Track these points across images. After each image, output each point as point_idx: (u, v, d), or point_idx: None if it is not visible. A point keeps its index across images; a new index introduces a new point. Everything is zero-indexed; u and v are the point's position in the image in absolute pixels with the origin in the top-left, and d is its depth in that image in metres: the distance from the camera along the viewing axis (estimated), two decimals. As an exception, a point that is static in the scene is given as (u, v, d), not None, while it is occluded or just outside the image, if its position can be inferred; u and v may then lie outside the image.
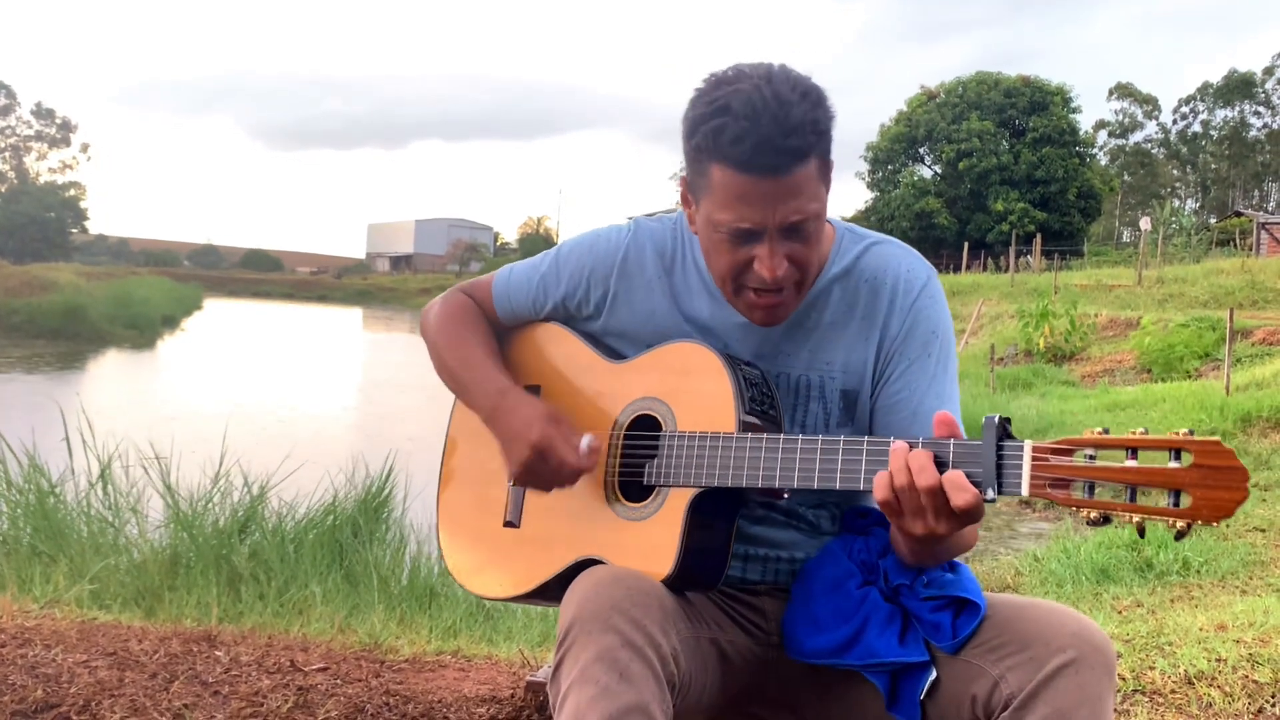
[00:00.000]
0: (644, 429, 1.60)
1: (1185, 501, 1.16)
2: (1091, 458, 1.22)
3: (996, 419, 1.28)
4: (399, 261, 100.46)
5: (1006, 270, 33.26)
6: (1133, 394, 13.05)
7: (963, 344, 17.25)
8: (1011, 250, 33.39)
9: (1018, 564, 6.24)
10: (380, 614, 4.04)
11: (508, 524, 1.69)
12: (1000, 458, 1.27)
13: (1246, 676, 2.95)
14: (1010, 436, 1.28)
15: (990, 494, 1.26)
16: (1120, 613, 4.58)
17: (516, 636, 4.02)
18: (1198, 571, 5.39)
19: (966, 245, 39.86)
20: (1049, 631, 1.37)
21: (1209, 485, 1.15)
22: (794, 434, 1.59)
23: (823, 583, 1.57)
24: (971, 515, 1.29)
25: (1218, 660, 3.13)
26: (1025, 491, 1.24)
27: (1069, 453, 1.23)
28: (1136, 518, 1.19)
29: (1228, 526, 6.57)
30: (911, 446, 1.32)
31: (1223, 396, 11.11)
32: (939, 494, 1.29)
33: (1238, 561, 5.59)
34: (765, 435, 1.47)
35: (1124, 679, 2.91)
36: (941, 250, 48.06)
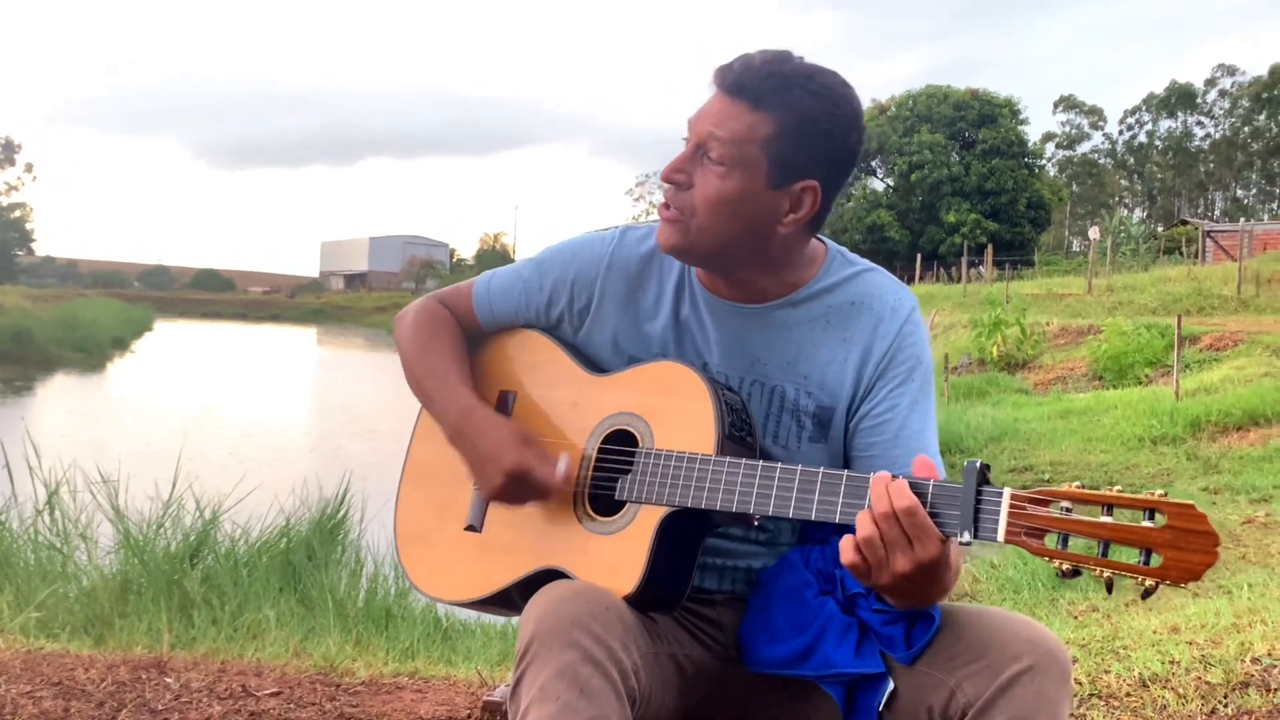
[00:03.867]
0: (619, 444, 1.58)
1: (1156, 561, 1.18)
2: (1067, 510, 1.23)
3: (978, 464, 1.29)
4: (353, 280, 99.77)
5: (959, 281, 33.62)
6: (1085, 401, 13.24)
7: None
8: (963, 261, 33.76)
9: (975, 571, 6.29)
10: (336, 637, 3.99)
11: (469, 528, 1.66)
12: (979, 503, 1.28)
13: (1199, 678, 2.98)
14: (988, 483, 1.29)
15: (966, 537, 1.27)
16: (1076, 618, 4.63)
17: (475, 656, 3.99)
18: (1151, 575, 5.46)
19: (919, 257, 40.25)
20: (1004, 639, 1.38)
21: (1180, 547, 1.17)
22: (766, 444, 1.60)
23: (780, 592, 1.56)
24: (916, 529, 1.28)
25: (1171, 662, 3.17)
26: (1000, 538, 1.25)
27: (1046, 503, 1.25)
28: (1107, 572, 1.21)
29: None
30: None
31: (1173, 402, 11.29)
32: (916, 513, 1.28)
33: (1190, 564, 5.67)
34: (743, 460, 1.45)
35: (1080, 683, 2.94)
36: (894, 262, 48.47)
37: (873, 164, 56.94)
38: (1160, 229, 56.15)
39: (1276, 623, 3.49)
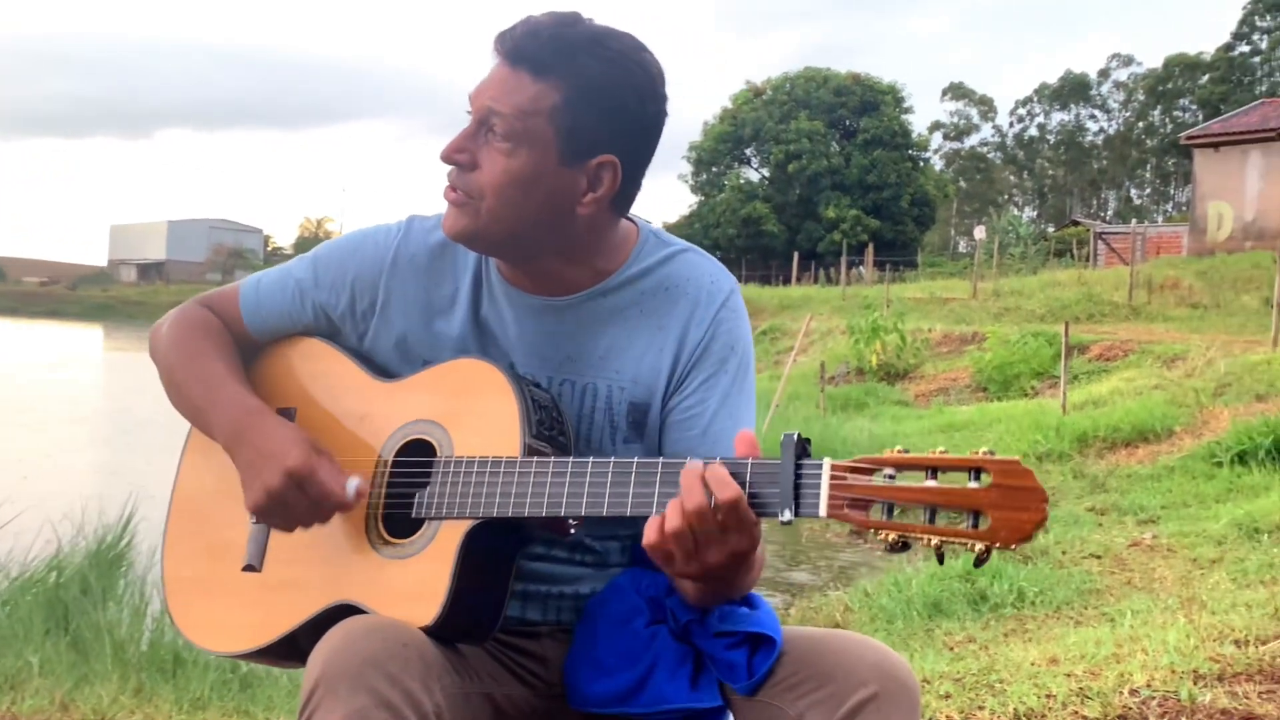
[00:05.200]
0: (415, 455, 1.56)
1: (984, 523, 1.22)
2: (891, 477, 1.26)
3: (795, 436, 1.31)
4: (148, 270, 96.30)
5: (838, 282, 34.47)
6: (968, 414, 13.74)
7: (791, 362, 17.74)
8: (843, 261, 34.64)
9: (848, 599, 6.45)
10: (113, 685, 3.84)
11: (247, 568, 1.59)
12: (799, 478, 1.30)
13: (1076, 712, 3.13)
14: (809, 455, 1.32)
15: (788, 515, 1.29)
16: (952, 649, 4.79)
17: (277, 707, 3.89)
18: (1032, 603, 5.69)
19: (797, 256, 41.13)
20: (849, 665, 1.41)
21: (1007, 506, 1.21)
22: (579, 447, 1.60)
23: (608, 621, 1.57)
24: (734, 519, 1.30)
25: (1048, 696, 3.32)
26: (823, 512, 1.27)
27: (868, 472, 1.27)
28: (935, 540, 1.24)
29: (1064, 554, 6.98)
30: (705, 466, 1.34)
31: (1059, 416, 11.81)
32: (739, 505, 1.31)
33: (1073, 591, 5.93)
34: (552, 459, 1.45)
35: (951, 720, 3.03)
36: (770, 260, 49.47)
37: (747, 152, 58.00)
38: (1051, 229, 58.69)
39: (1158, 652, 3.68)
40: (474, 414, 1.53)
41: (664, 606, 1.55)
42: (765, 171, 57.39)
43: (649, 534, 1.34)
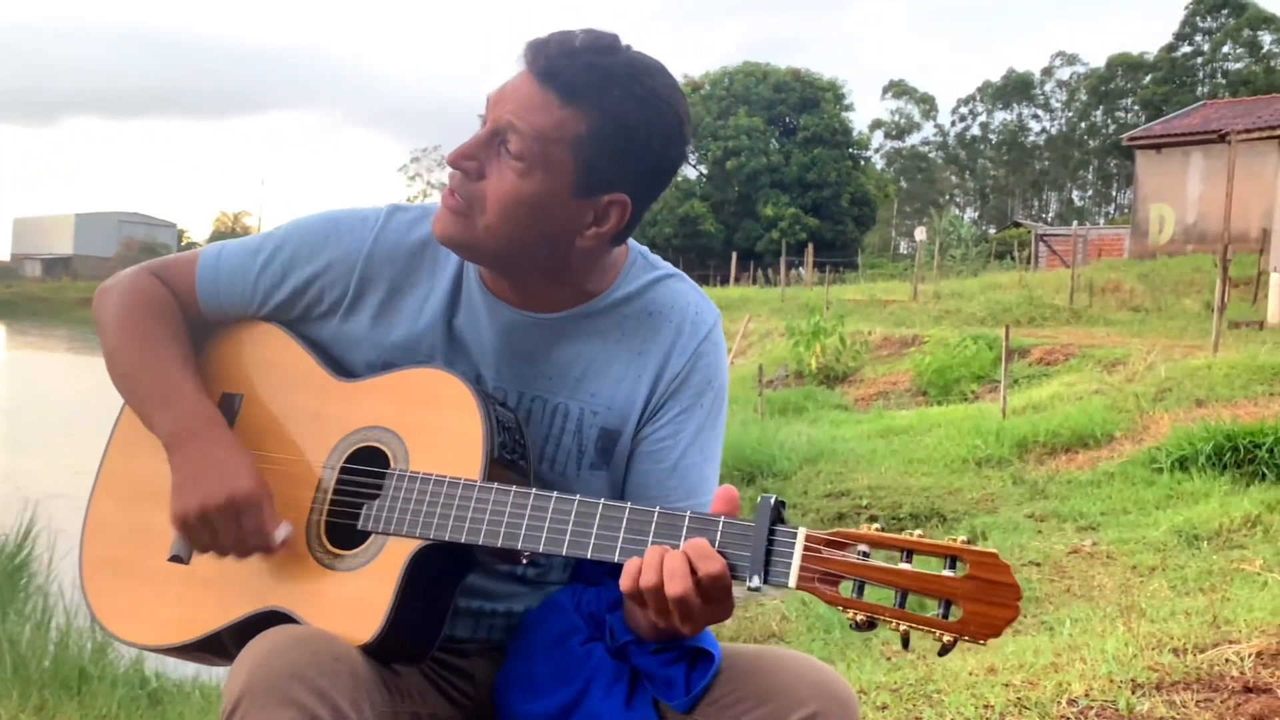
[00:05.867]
0: (367, 463, 1.54)
1: (955, 614, 1.23)
2: (865, 555, 1.27)
3: (773, 500, 1.32)
4: (54, 265, 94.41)
5: (777, 283, 34.70)
6: (908, 419, 13.87)
7: (729, 364, 17.86)
8: (782, 261, 34.89)
9: (785, 609, 6.49)
10: (13, 703, 3.77)
11: (173, 558, 1.56)
12: (771, 545, 1.30)
13: (1013, 722, 3.17)
14: (783, 521, 1.32)
15: (756, 582, 1.29)
16: (889, 659, 4.83)
17: (190, 723, 3.84)
18: (971, 611, 5.76)
19: (735, 256, 41.34)
20: (788, 683, 1.42)
21: (980, 599, 1.22)
22: (541, 469, 1.59)
23: (543, 639, 1.57)
24: (718, 592, 1.31)
25: (985, 707, 3.36)
26: (792, 583, 1.28)
27: (843, 546, 1.28)
28: (904, 626, 1.24)
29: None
30: (678, 523, 1.34)
31: (999, 420, 11.96)
32: (687, 602, 1.30)
33: (1012, 599, 6.02)
34: (513, 488, 1.44)
35: (887, 732, 3.06)
36: (708, 260, 49.70)
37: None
38: (992, 230, 59.58)
39: (1096, 661, 3.75)
40: (434, 428, 1.51)
41: (603, 623, 1.56)
42: (703, 169, 57.63)
43: (625, 584, 1.33)
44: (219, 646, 1.55)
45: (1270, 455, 8.36)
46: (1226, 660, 3.61)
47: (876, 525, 1.30)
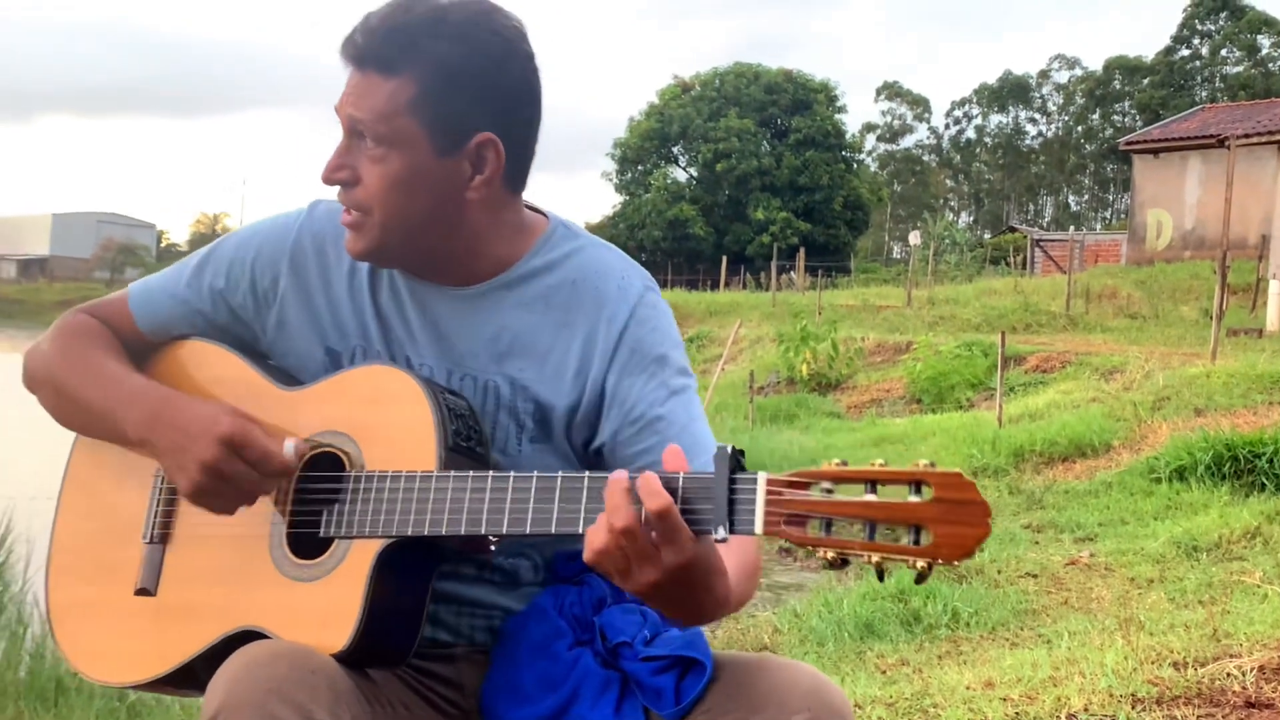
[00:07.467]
0: (323, 470, 1.54)
1: (926, 539, 1.22)
2: (829, 492, 1.26)
3: (729, 449, 1.31)
4: (30, 266, 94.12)
5: (768, 288, 34.71)
6: (902, 426, 13.88)
7: (720, 370, 17.82)
8: (773, 265, 34.92)
9: (776, 621, 6.48)
10: (-13, 717, 3.74)
11: (140, 591, 1.58)
12: (733, 493, 1.29)
13: (1012, 738, 3.17)
14: (743, 469, 1.31)
15: (722, 533, 1.28)
16: (884, 673, 4.83)
17: (169, 736, 3.82)
18: (967, 624, 5.75)
19: (725, 260, 41.36)
20: (781, 692, 1.42)
21: (949, 521, 1.21)
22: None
23: (528, 645, 1.56)
24: (669, 530, 1.28)
25: (983, 721, 3.36)
26: (759, 529, 1.27)
27: (805, 486, 1.27)
28: (875, 557, 1.23)
29: (1000, 573, 7.08)
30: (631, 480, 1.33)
31: (995, 429, 11.98)
32: (637, 539, 1.29)
33: (1009, 611, 6.01)
34: (470, 474, 1.44)
35: (884, 747, 3.06)
36: (698, 264, 49.72)
37: (674, 150, 58.21)
38: (987, 235, 59.70)
39: (1095, 674, 3.75)
40: (386, 425, 1.51)
41: (591, 627, 1.55)
42: (693, 171, 57.70)
43: (586, 553, 1.32)
44: (193, 677, 1.55)
45: (1270, 465, 8.36)
46: (1228, 674, 3.62)
47: (838, 461, 1.29)
